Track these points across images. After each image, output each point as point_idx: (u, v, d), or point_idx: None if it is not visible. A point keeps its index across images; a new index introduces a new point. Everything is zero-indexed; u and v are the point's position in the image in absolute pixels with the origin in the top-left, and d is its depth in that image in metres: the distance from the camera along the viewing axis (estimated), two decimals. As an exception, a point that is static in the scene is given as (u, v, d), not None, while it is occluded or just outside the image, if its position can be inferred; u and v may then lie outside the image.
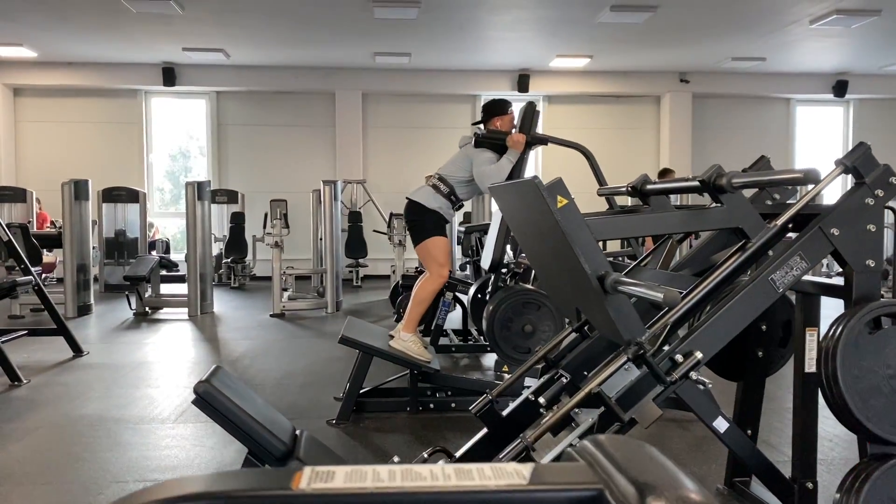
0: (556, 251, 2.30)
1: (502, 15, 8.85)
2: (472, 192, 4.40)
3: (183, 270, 9.04)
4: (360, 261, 11.11)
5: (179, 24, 9.19)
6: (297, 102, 12.21)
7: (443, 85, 11.96)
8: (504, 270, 4.36)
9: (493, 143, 4.26)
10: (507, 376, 4.24)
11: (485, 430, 2.78)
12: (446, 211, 4.30)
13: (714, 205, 2.28)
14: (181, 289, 8.89)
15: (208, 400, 2.26)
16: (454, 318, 6.50)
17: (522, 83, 11.83)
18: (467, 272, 6.53)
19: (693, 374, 2.22)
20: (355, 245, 11.23)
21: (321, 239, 11.01)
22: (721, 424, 2.43)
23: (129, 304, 8.04)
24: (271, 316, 8.01)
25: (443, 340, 5.65)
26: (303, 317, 8.03)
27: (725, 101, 12.61)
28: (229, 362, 5.68)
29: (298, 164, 12.19)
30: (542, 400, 2.50)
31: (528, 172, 4.36)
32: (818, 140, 13.00)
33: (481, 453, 2.76)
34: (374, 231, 11.18)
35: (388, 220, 8.84)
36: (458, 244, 8.41)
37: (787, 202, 2.81)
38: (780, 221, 2.21)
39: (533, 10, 8.69)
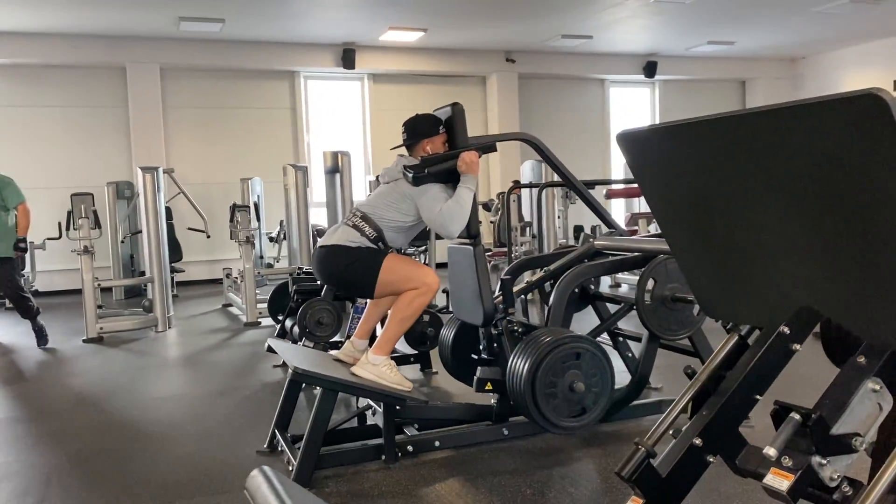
0: (822, 213, 1.47)
1: (345, -26, 7.76)
2: (407, 238, 3.36)
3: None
4: (175, 265, 9.40)
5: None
6: (78, 78, 10.06)
7: (258, 59, 10.50)
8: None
9: (437, 172, 3.20)
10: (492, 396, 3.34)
11: (641, 503, 1.87)
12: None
13: None
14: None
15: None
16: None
17: (348, 59, 10.75)
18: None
19: None
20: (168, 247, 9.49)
21: (122, 241, 9.26)
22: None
23: None
24: (85, 341, 6.29)
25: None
26: (127, 339, 6.40)
27: (549, 82, 12.51)
28: (64, 413, 4.14)
29: (82, 153, 10.09)
30: (771, 451, 1.64)
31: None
32: (630, 120, 13.35)
33: (642, 538, 1.85)
34: (189, 229, 9.54)
35: (230, 212, 7.38)
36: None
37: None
38: None
39: (381, -30, 7.71)
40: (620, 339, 3.95)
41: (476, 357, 3.53)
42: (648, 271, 3.19)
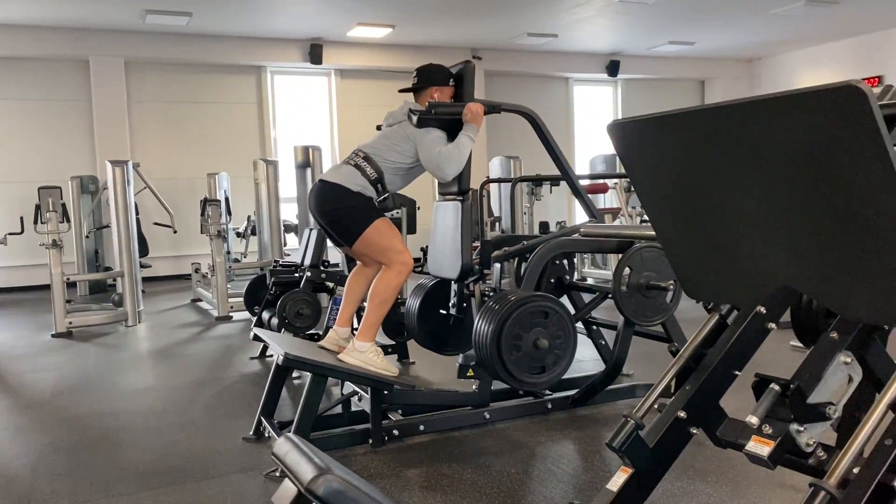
0: (804, 196, 1.61)
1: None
2: (405, 182, 3.49)
3: None
4: (142, 260, 9.29)
5: None
6: (39, 71, 9.88)
7: (225, 53, 10.43)
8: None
9: (440, 118, 3.34)
10: (473, 382, 3.44)
11: (630, 472, 1.98)
12: (372, 195, 3.34)
13: None
14: None
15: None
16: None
17: (315, 54, 10.75)
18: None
19: None
20: (134, 242, 9.38)
21: (87, 236, 9.14)
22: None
23: None
24: (54, 336, 6.22)
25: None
26: (98, 333, 6.35)
27: (514, 80, 12.65)
28: (41, 405, 4.12)
29: (44, 148, 9.92)
30: (753, 419, 1.77)
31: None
32: (593, 118, 13.55)
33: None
34: (156, 224, 9.45)
35: (201, 206, 7.35)
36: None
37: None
38: None
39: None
40: (594, 327, 4.08)
41: (444, 312, 3.65)
42: (625, 260, 3.32)
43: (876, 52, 11.88)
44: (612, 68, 12.91)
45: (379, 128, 3.62)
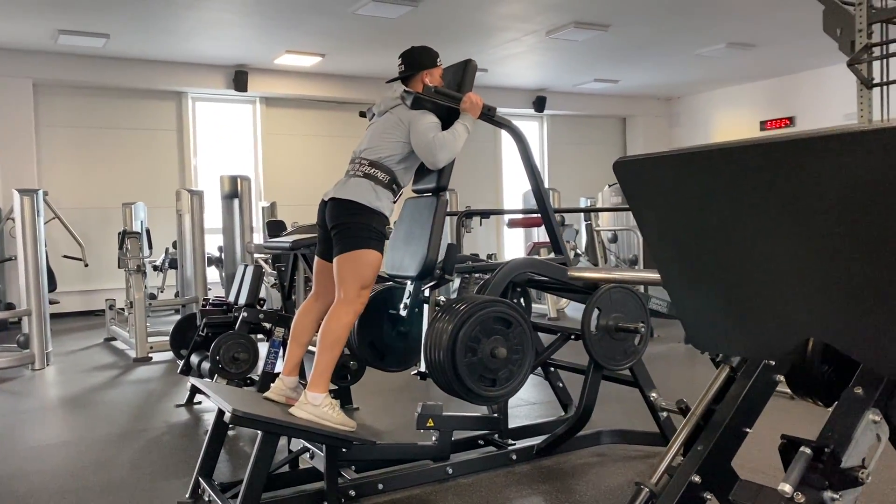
0: (842, 241, 1.48)
1: (245, -8, 7.48)
2: (410, 175, 3.26)
3: None
4: (50, 296, 8.61)
5: None
6: (-64, 91, 9.16)
7: (143, 78, 9.92)
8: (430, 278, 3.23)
9: (436, 104, 3.16)
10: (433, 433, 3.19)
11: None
12: (389, 209, 3.11)
13: None
14: None
15: None
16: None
17: (240, 81, 10.37)
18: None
19: None
20: (39, 276, 8.68)
21: (-11, 270, 8.42)
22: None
23: None
24: (-51, 382, 5.61)
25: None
26: (0, 378, 5.76)
27: (443, 112, 12.58)
28: (-65, 467, 3.61)
29: (-61, 173, 9.15)
30: (786, 488, 1.60)
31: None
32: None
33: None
34: (65, 256, 8.80)
35: (119, 238, 6.83)
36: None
37: None
38: None
39: (283, -9, 7.49)
40: (552, 368, 3.91)
41: (389, 323, 3.44)
42: (594, 301, 3.17)
43: (788, 93, 12.42)
44: (539, 104, 13.04)
45: (363, 114, 3.42)
